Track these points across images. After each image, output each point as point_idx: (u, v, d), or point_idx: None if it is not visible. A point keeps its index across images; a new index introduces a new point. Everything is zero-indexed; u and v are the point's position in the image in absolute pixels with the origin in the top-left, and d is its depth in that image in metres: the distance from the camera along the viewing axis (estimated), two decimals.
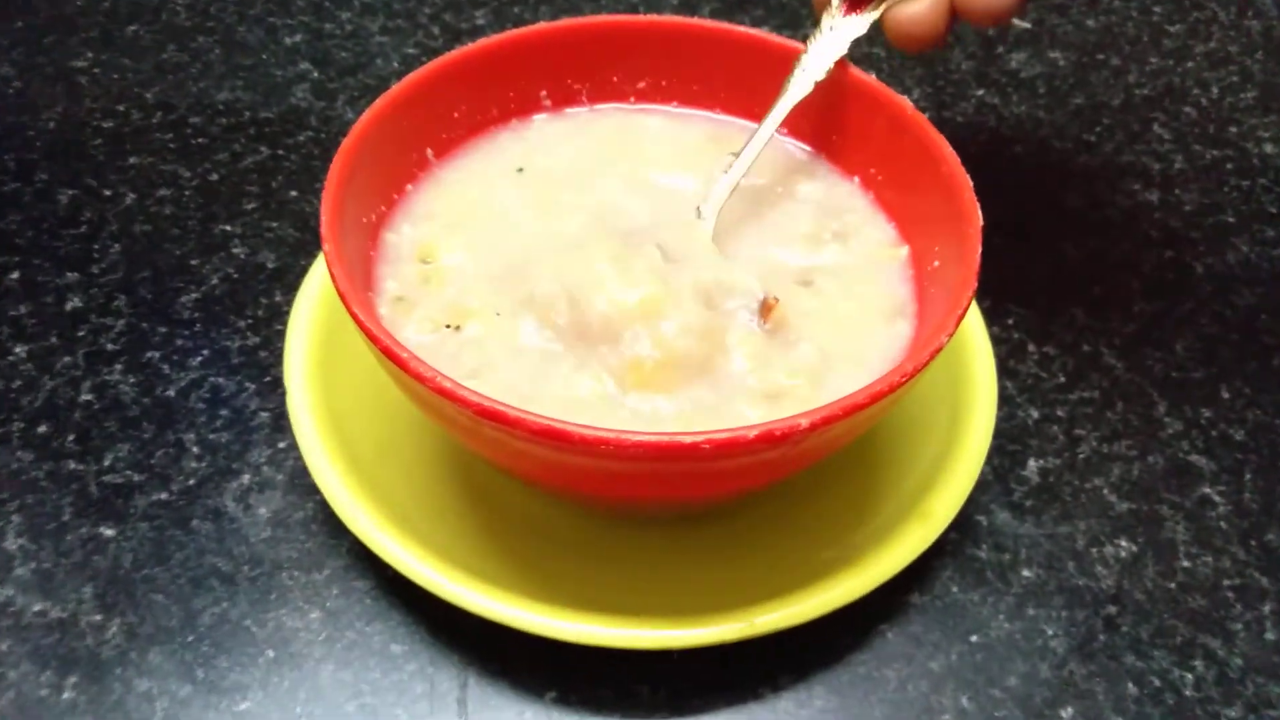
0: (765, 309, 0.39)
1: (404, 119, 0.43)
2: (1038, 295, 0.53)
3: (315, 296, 0.46)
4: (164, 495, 0.44)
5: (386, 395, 0.43)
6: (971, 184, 0.39)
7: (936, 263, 0.40)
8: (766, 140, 0.43)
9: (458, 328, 0.38)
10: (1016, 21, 0.72)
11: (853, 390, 0.37)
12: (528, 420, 0.31)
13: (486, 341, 0.38)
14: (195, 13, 0.70)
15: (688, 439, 0.31)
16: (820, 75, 0.43)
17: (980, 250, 0.37)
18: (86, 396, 0.47)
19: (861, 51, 0.68)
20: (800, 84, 0.43)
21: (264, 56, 0.66)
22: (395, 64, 0.66)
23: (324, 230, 0.36)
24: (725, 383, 0.38)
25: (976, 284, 0.36)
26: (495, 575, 0.38)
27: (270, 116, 0.62)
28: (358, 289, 0.35)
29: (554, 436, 0.31)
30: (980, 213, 0.38)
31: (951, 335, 0.34)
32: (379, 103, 0.42)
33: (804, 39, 0.45)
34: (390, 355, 0.33)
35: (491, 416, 0.31)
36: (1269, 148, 0.63)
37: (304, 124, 0.62)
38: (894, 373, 0.33)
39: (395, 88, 0.43)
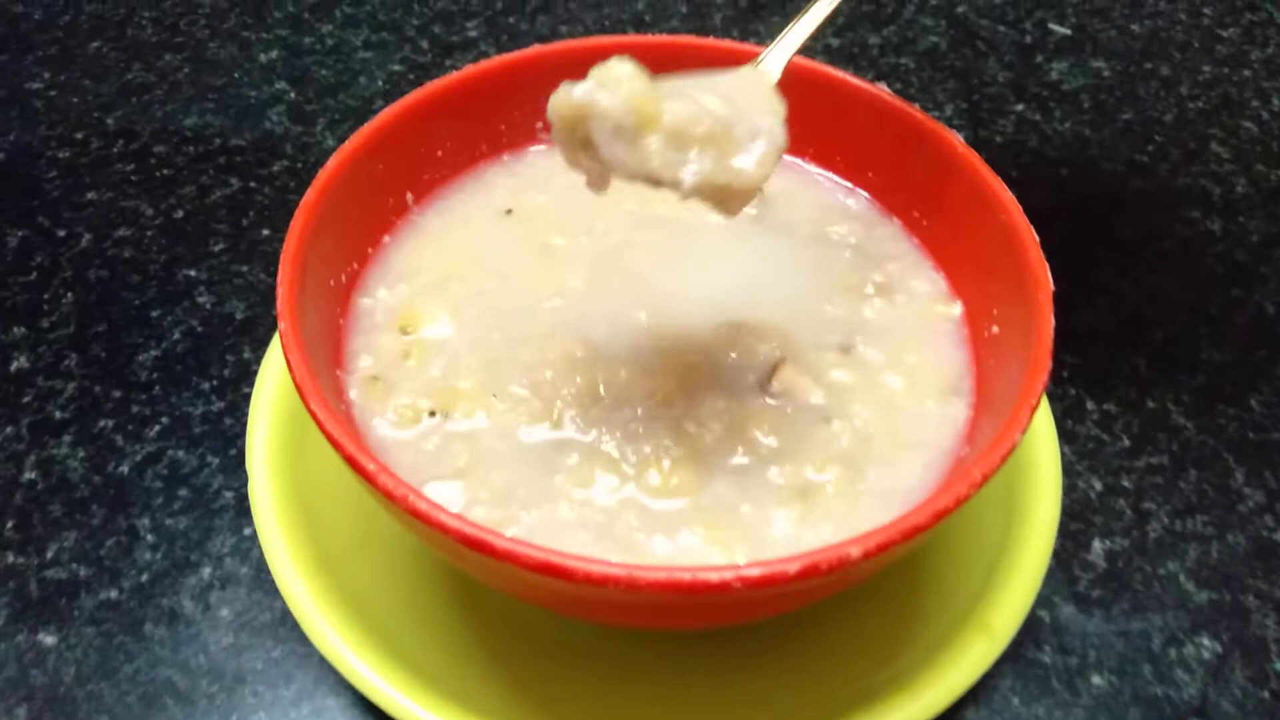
0: (771, 371, 0.34)
1: (380, 161, 0.37)
2: (1094, 342, 0.48)
3: (281, 365, 0.40)
4: (113, 594, 0.39)
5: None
6: (1037, 238, 0.34)
7: (995, 328, 0.35)
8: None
9: (445, 414, 0.33)
10: (1054, 26, 0.66)
11: (896, 484, 0.32)
12: (522, 554, 0.25)
13: (478, 433, 0.32)
14: (163, 27, 0.64)
15: (715, 576, 0.25)
16: None
17: (1052, 323, 0.31)
18: (30, 475, 0.42)
19: (889, 63, 0.63)
20: None
21: (236, 75, 0.61)
22: (380, 82, 0.61)
23: (280, 303, 0.31)
24: (750, 476, 0.32)
25: (1050, 365, 0.30)
26: (486, 700, 0.33)
27: (242, 144, 0.56)
28: (315, 378, 0.29)
29: (556, 573, 0.25)
30: (1049, 276, 0.32)
31: (1024, 431, 0.29)
32: (350, 144, 0.36)
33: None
34: (357, 467, 0.27)
35: (480, 547, 0.26)
36: None
37: (279, 152, 0.56)
38: (959, 479, 0.28)
39: (369, 125, 0.37)
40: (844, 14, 0.66)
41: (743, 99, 0.30)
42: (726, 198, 0.29)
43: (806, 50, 0.61)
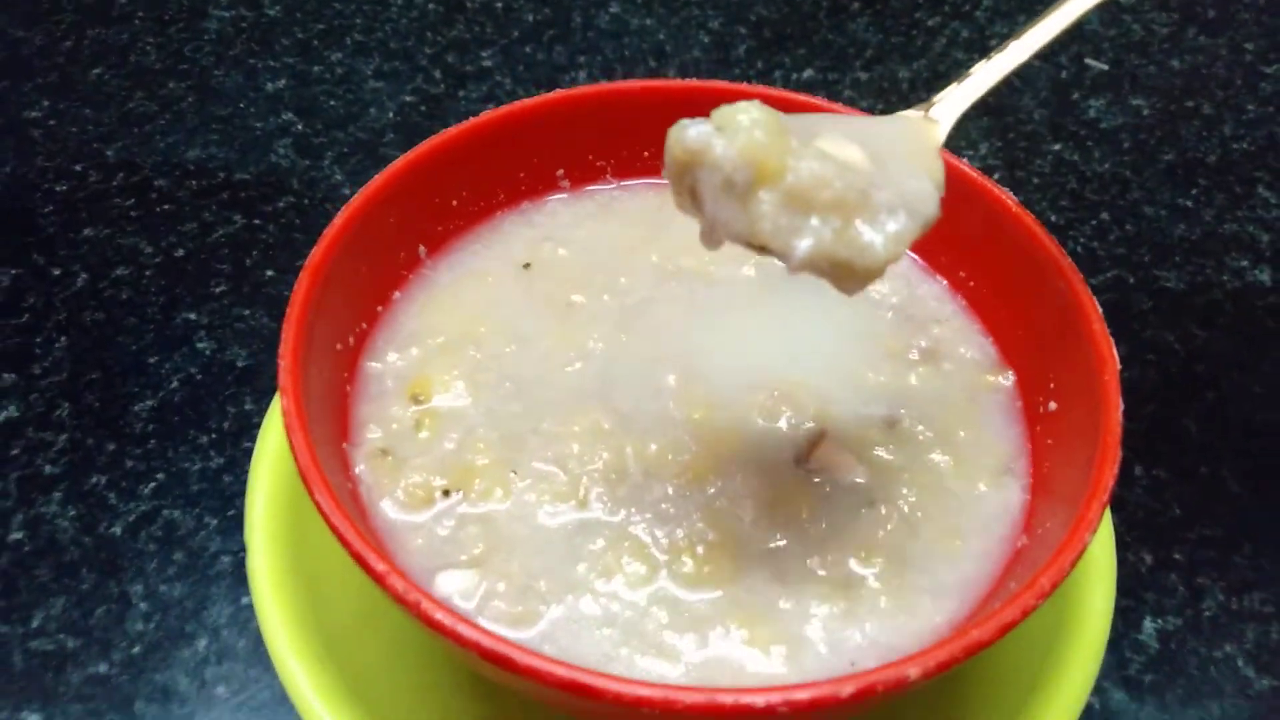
0: (810, 446, 0.32)
1: (392, 213, 0.35)
2: (1143, 403, 0.45)
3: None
4: (103, 667, 0.36)
5: None
6: (1099, 307, 0.31)
7: (1053, 404, 0.32)
8: (1057, 30, 0.31)
9: (461, 494, 0.30)
10: (1091, 62, 0.64)
11: (949, 580, 0.30)
12: (546, 671, 0.23)
13: (496, 516, 0.30)
14: (167, 53, 0.62)
15: (761, 700, 0.23)
16: None
17: (1120, 407, 0.29)
18: (17, 534, 0.40)
19: (920, 98, 0.60)
20: None
21: (242, 105, 0.59)
22: (390, 114, 0.58)
23: (282, 377, 0.29)
24: (788, 564, 0.30)
25: (1119, 455, 0.28)
26: None
27: (247, 178, 0.54)
28: (320, 463, 0.27)
29: (581, 692, 0.23)
30: (1115, 352, 0.30)
31: (1095, 530, 0.26)
32: (360, 196, 0.34)
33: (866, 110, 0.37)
34: (366, 567, 0.25)
35: (499, 661, 0.23)
36: None
37: (284, 187, 0.54)
38: (1027, 589, 0.25)
39: (381, 176, 0.35)
40: (873, 46, 0.64)
41: (897, 154, 0.27)
42: (845, 276, 0.25)
43: (834, 85, 0.58)
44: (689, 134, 0.25)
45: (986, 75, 0.31)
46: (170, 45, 0.63)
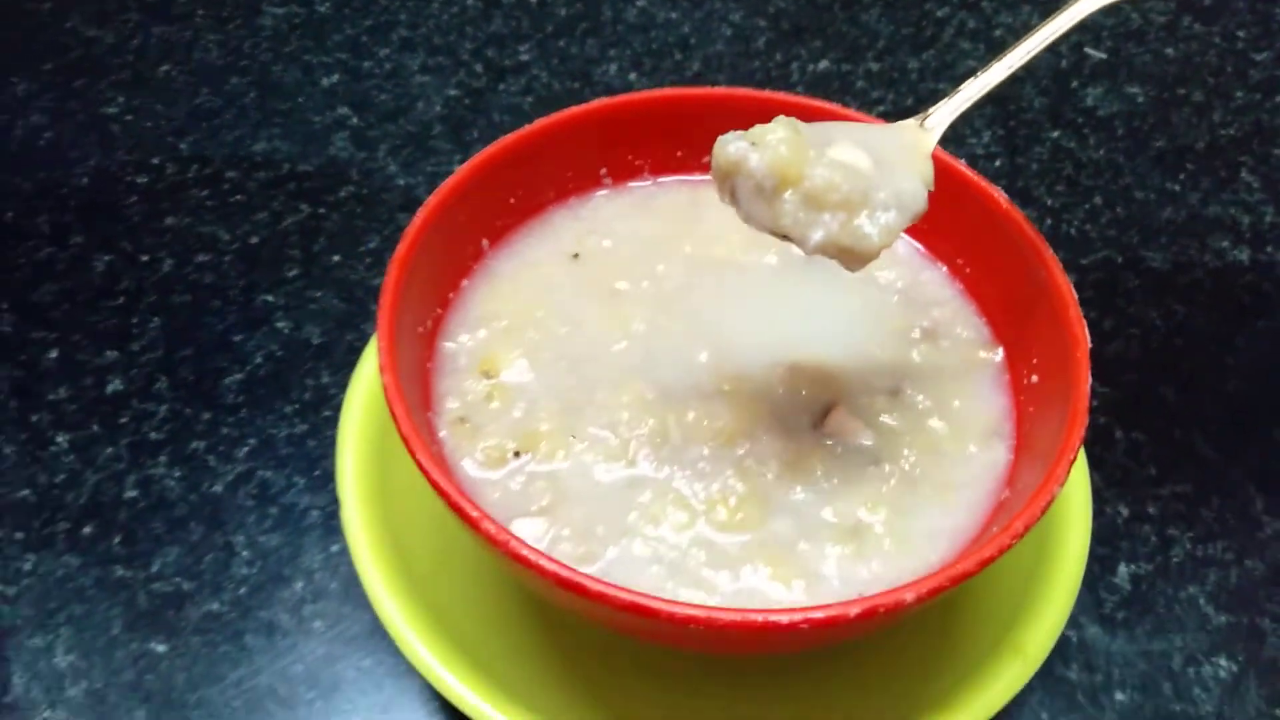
0: (824, 414, 0.37)
1: (461, 212, 0.40)
2: (1125, 372, 0.50)
3: (365, 393, 0.43)
4: (215, 606, 0.42)
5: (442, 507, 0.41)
6: (1075, 295, 0.36)
7: (1035, 378, 0.38)
8: (1033, 51, 0.37)
9: (529, 455, 0.36)
10: (1090, 51, 0.68)
11: (941, 524, 0.35)
12: (613, 595, 0.29)
13: (559, 473, 0.35)
14: (227, 50, 0.67)
15: (785, 618, 0.28)
16: None
17: (1089, 379, 0.34)
18: (131, 493, 0.46)
19: (927, 89, 0.65)
20: None
21: (300, 100, 0.64)
22: (437, 108, 0.63)
23: (382, 358, 0.34)
24: (806, 514, 0.35)
25: (1087, 419, 0.33)
26: (565, 711, 0.36)
27: (309, 169, 0.59)
28: (421, 434, 0.33)
29: (642, 612, 0.29)
30: (1087, 333, 0.35)
31: (1064, 483, 0.32)
32: (435, 198, 0.39)
33: (880, 116, 0.42)
34: (462, 514, 0.30)
35: (573, 589, 0.29)
36: None
37: (344, 178, 0.59)
38: (1002, 531, 0.31)
39: (453, 178, 0.40)
40: (884, 37, 0.68)
41: (895, 159, 0.33)
42: (849, 259, 0.32)
43: (847, 75, 0.63)
44: (729, 149, 0.32)
45: (971, 91, 0.36)
46: (230, 42, 0.68)
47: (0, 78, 0.64)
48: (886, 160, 0.33)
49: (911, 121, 0.36)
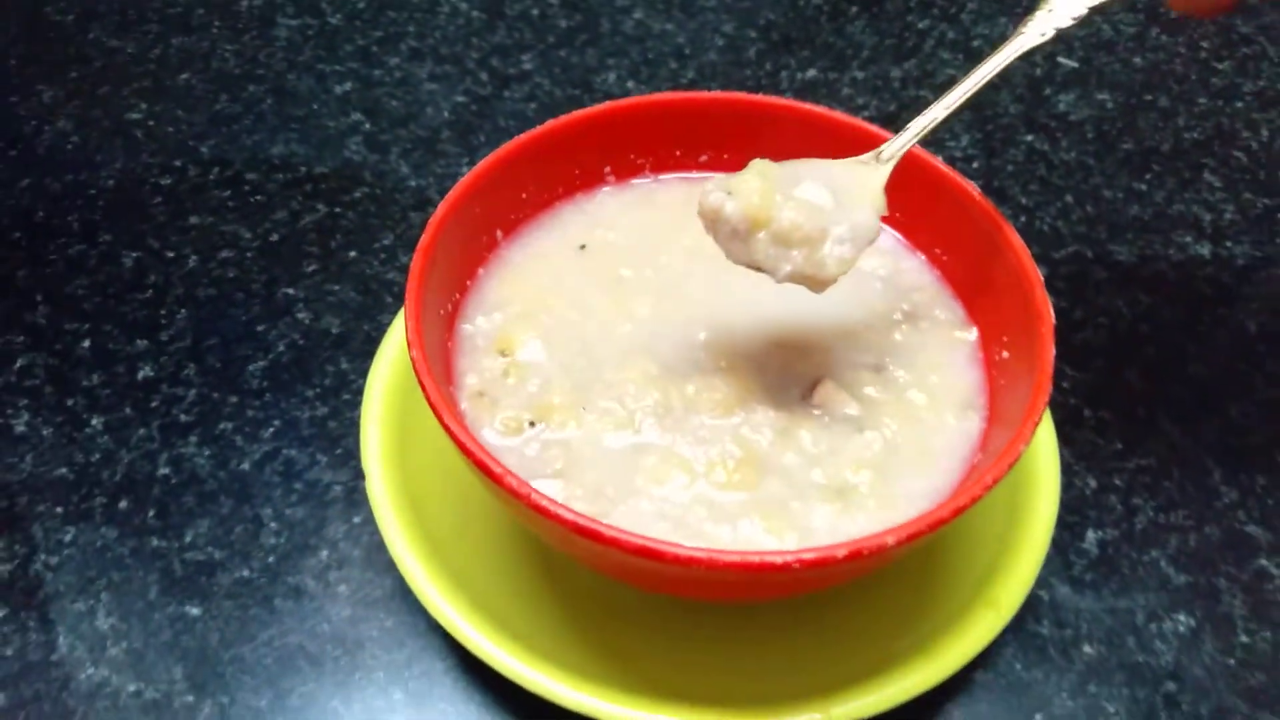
0: (813, 387, 0.41)
1: (477, 206, 0.43)
2: (1094, 358, 0.54)
3: (385, 376, 0.47)
4: (245, 573, 0.45)
5: (460, 475, 0.44)
6: (1041, 278, 0.40)
7: (1005, 354, 0.41)
8: (983, 80, 0.40)
9: (544, 425, 0.39)
10: (1063, 60, 0.72)
11: (920, 486, 0.39)
12: (625, 540, 0.32)
13: (572, 440, 0.39)
14: (244, 60, 0.70)
15: (779, 559, 0.32)
16: (1064, 23, 0.41)
17: (1052, 353, 0.37)
18: (164, 470, 0.49)
19: (910, 95, 0.69)
20: (1040, 26, 0.41)
21: (315, 106, 0.67)
22: (445, 114, 0.67)
23: (410, 335, 0.37)
24: (798, 476, 0.38)
25: (1051, 388, 0.36)
26: (571, 659, 0.39)
27: (325, 171, 0.63)
28: (448, 398, 0.36)
29: (651, 555, 0.32)
30: (1051, 311, 0.39)
31: (1028, 443, 0.35)
32: (454, 192, 0.42)
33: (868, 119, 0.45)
34: (486, 471, 0.34)
35: (589, 535, 0.32)
36: None
37: (359, 179, 0.62)
38: (974, 482, 0.34)
39: (469, 176, 0.43)
40: (869, 48, 0.72)
41: (853, 192, 0.38)
42: (814, 284, 0.38)
43: (834, 83, 0.67)
44: (710, 198, 0.37)
45: (918, 126, 0.40)
46: (246, 52, 0.71)
47: (27, 86, 0.68)
48: (846, 195, 0.38)
49: (869, 155, 0.40)
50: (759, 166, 0.38)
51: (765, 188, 0.37)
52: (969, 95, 0.40)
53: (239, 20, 0.73)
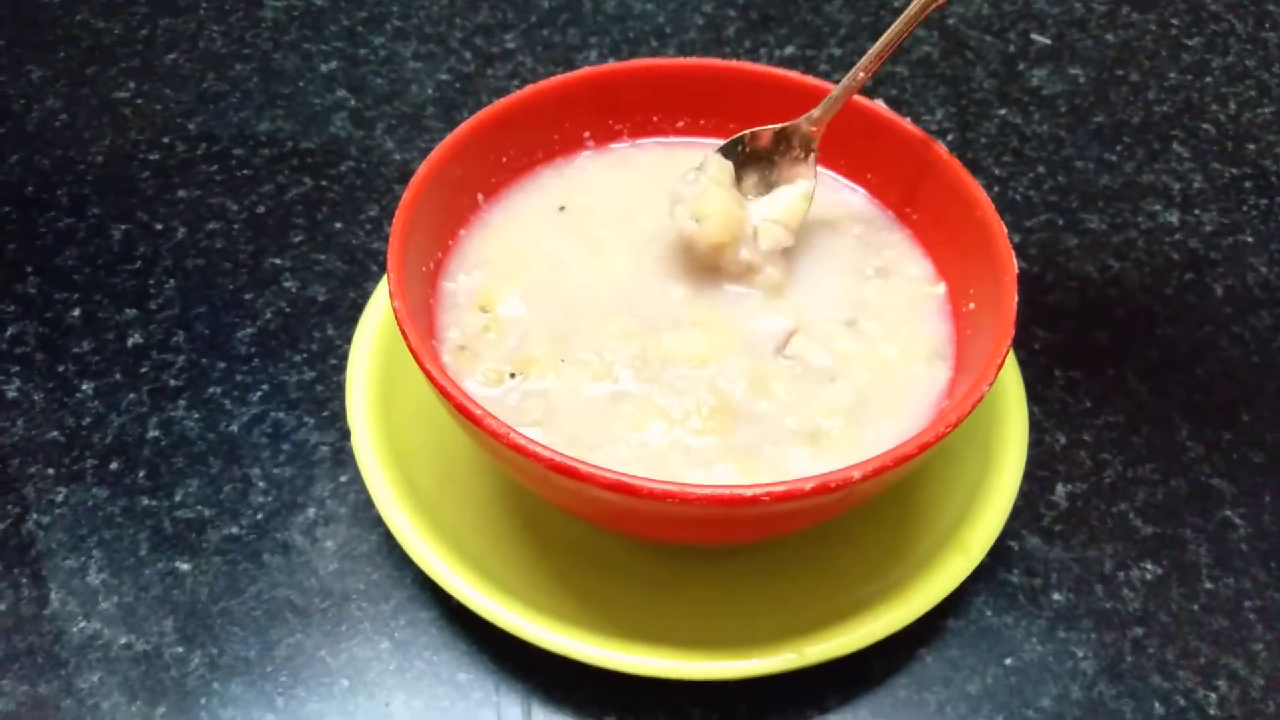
0: (786, 339, 0.42)
1: (457, 168, 0.44)
2: (1064, 319, 0.55)
3: (371, 338, 0.48)
4: (234, 530, 0.46)
5: (444, 432, 0.45)
6: (1005, 230, 0.41)
7: (972, 305, 0.42)
8: (883, 48, 0.44)
9: (524, 377, 0.40)
10: (1036, 37, 0.73)
11: (890, 431, 0.40)
12: (600, 475, 0.33)
13: (551, 391, 0.40)
14: (231, 40, 0.71)
15: (749, 492, 0.33)
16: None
17: (1016, 299, 0.38)
18: (154, 433, 0.50)
19: (885, 71, 0.70)
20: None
21: (301, 84, 0.68)
22: (430, 91, 0.68)
23: (392, 286, 0.38)
24: (770, 423, 0.40)
25: (1013, 333, 0.38)
26: (553, 606, 0.40)
27: (311, 147, 0.64)
28: (428, 345, 0.37)
29: (625, 490, 0.33)
30: (1015, 260, 0.40)
31: (991, 384, 0.36)
32: (435, 154, 0.43)
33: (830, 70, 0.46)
34: (466, 413, 0.35)
35: (566, 472, 0.33)
36: None
37: (344, 154, 0.63)
38: (939, 422, 0.35)
39: (449, 139, 0.44)
40: (845, 25, 0.73)
41: (784, 203, 0.45)
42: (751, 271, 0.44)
43: (811, 60, 0.68)
44: (685, 229, 0.43)
45: (841, 88, 0.44)
46: (233, 32, 0.72)
47: (16, 66, 0.68)
48: (778, 206, 0.45)
49: (804, 119, 0.45)
50: (716, 173, 0.44)
51: (728, 208, 0.43)
52: (885, 50, 0.44)
53: (226, 1, 0.74)
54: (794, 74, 0.48)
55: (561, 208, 0.47)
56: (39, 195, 0.60)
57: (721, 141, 0.47)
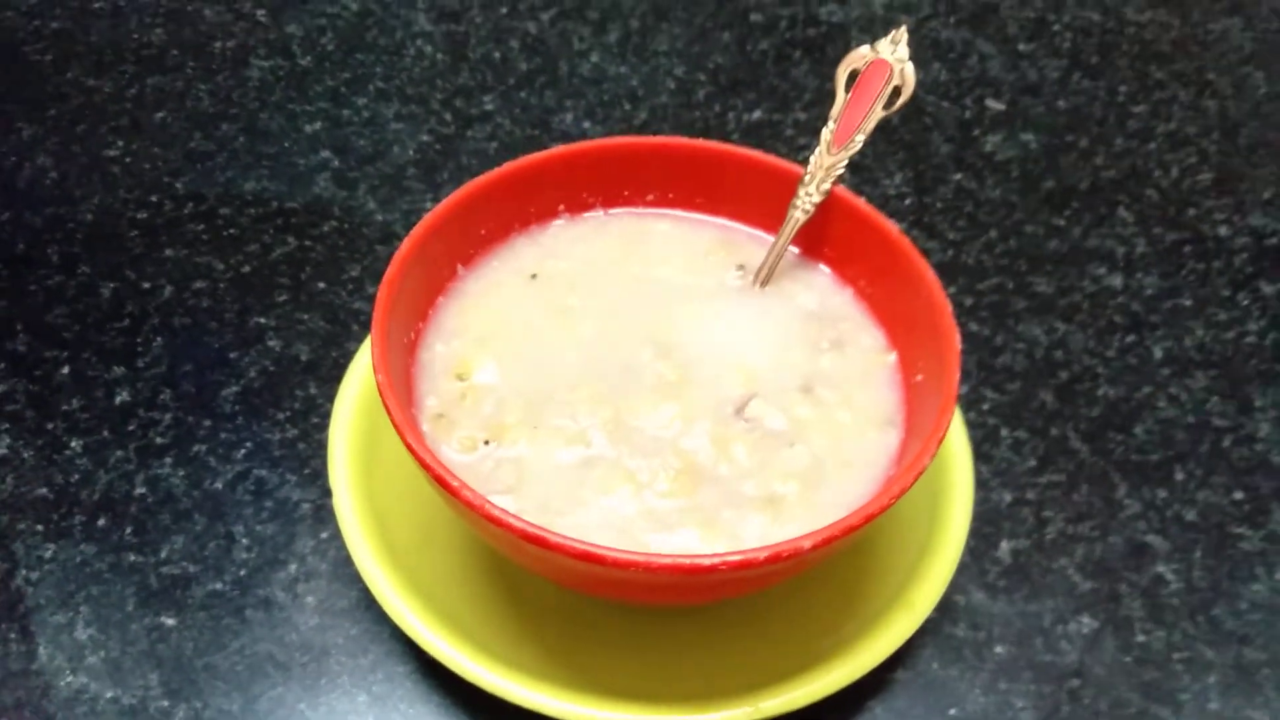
0: (745, 404, 0.44)
1: (438, 243, 0.47)
2: (1011, 381, 0.58)
3: (353, 398, 0.50)
4: (218, 585, 0.48)
5: (422, 492, 0.47)
6: (950, 308, 0.44)
7: (920, 376, 0.45)
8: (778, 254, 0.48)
9: (497, 443, 0.43)
10: (990, 103, 0.77)
11: (843, 496, 0.43)
12: (568, 545, 0.35)
13: (523, 457, 0.42)
14: (218, 99, 0.74)
15: (707, 561, 0.35)
16: (818, 199, 0.48)
17: (958, 376, 0.41)
18: (141, 489, 0.51)
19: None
20: (803, 206, 0.49)
21: (286, 144, 0.70)
22: (411, 152, 0.70)
23: (375, 360, 0.41)
24: (730, 487, 0.42)
25: (954, 408, 0.41)
26: (523, 661, 0.43)
27: (295, 206, 0.66)
28: (409, 415, 0.39)
29: (591, 559, 0.35)
30: (958, 338, 0.43)
31: (934, 456, 0.39)
32: (417, 230, 0.46)
33: (802, 162, 0.49)
34: (444, 484, 0.37)
35: (536, 541, 0.36)
36: (1223, 230, 0.69)
37: (328, 214, 0.66)
38: (884, 493, 0.38)
39: (433, 213, 0.46)
40: (811, 90, 0.77)
41: None
42: None
43: (777, 124, 0.72)
44: None
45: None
46: (219, 92, 0.74)
47: (6, 123, 0.70)
48: None
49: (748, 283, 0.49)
50: None
51: None
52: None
53: (213, 61, 0.76)
54: (756, 153, 0.51)
55: (534, 275, 0.50)
56: (29, 253, 0.62)
57: (689, 214, 0.50)
